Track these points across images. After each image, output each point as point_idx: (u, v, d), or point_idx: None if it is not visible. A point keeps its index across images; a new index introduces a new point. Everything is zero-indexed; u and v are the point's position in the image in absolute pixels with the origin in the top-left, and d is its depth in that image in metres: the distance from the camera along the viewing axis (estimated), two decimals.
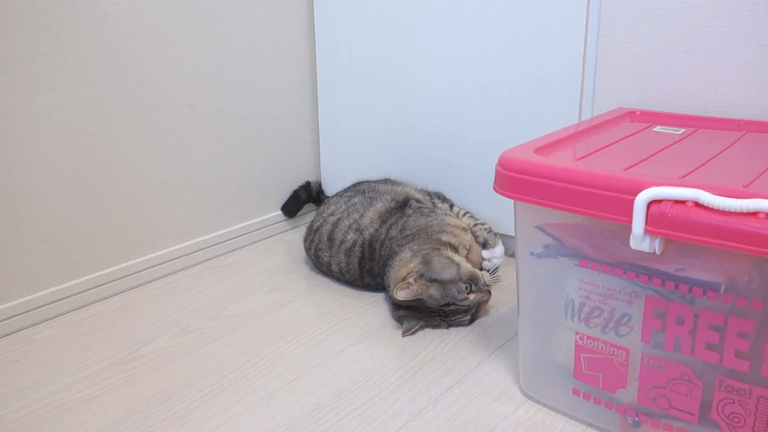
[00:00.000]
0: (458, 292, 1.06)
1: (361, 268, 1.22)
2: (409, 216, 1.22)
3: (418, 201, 1.28)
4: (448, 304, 1.07)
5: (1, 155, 1.08)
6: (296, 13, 1.50)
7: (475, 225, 1.27)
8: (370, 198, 1.31)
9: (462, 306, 1.07)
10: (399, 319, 1.11)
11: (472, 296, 1.08)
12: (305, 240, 1.35)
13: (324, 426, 0.86)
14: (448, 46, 1.33)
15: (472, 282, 1.08)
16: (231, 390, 0.95)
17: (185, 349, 1.06)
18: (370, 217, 1.25)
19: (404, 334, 1.08)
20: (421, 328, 1.10)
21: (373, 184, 1.38)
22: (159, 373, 0.99)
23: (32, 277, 1.15)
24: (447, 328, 1.10)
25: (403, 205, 1.27)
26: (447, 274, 1.07)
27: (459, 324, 1.10)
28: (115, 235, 1.26)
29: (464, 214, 1.30)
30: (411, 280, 1.06)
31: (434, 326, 1.10)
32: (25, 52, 1.08)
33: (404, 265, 1.11)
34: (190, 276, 1.34)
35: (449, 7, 1.30)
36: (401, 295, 1.05)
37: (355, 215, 1.26)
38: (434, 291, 1.06)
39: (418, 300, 1.07)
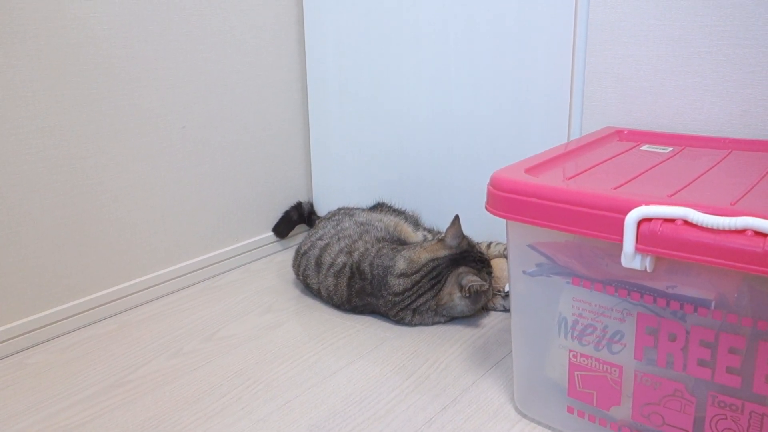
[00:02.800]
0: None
1: (349, 288, 1.22)
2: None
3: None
4: (482, 253, 1.21)
5: None
6: (287, 36, 1.52)
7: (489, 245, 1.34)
8: (362, 224, 1.31)
9: (486, 255, 1.22)
10: (459, 280, 1.14)
11: None
12: (293, 264, 1.35)
13: None
14: (437, 69, 1.34)
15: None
16: (225, 413, 0.94)
17: (179, 371, 1.06)
18: (365, 240, 1.26)
19: (479, 279, 1.12)
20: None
21: (358, 212, 1.40)
22: (152, 397, 0.99)
23: (23, 301, 1.14)
24: (489, 287, 1.18)
25: (401, 242, 1.29)
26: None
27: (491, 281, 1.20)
28: (107, 258, 1.25)
29: (489, 245, 1.36)
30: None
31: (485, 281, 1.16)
32: (16, 77, 1.08)
33: (423, 251, 1.18)
34: (182, 298, 1.34)
35: (438, 29, 1.32)
36: (449, 236, 1.17)
37: (347, 240, 1.27)
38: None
39: (469, 246, 1.18)
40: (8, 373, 1.07)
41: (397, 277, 1.15)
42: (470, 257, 1.17)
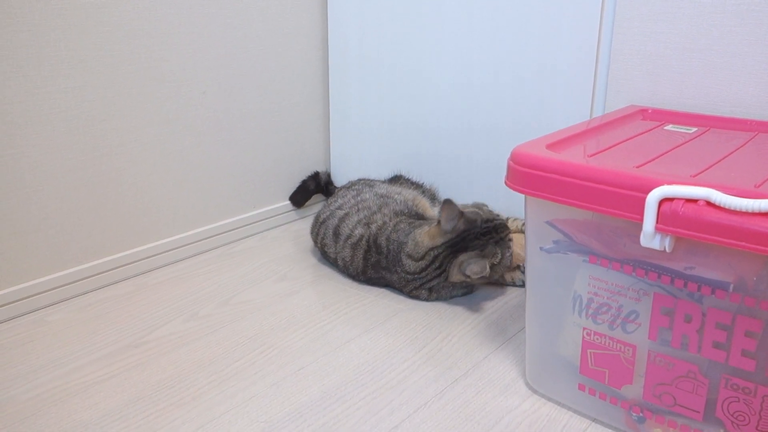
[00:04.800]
0: (486, 209, 1.18)
1: (365, 261, 1.22)
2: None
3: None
4: (490, 220, 1.14)
5: (13, 140, 1.09)
6: (309, 4, 1.51)
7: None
8: (382, 196, 1.31)
9: (499, 220, 1.16)
10: (462, 269, 1.11)
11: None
12: (312, 231, 1.36)
13: (331, 414, 0.87)
14: (459, 42, 1.33)
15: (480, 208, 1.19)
16: (239, 376, 0.96)
17: (194, 334, 1.07)
18: (384, 212, 1.26)
19: (485, 270, 1.08)
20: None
21: (378, 183, 1.39)
22: (168, 358, 1.00)
23: (43, 260, 1.16)
24: (501, 257, 1.13)
25: (420, 217, 1.27)
26: (468, 207, 1.17)
27: (509, 245, 1.16)
28: (125, 221, 1.27)
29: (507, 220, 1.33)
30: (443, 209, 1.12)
31: (494, 262, 1.12)
32: (38, 38, 1.08)
33: (426, 233, 1.15)
34: (199, 263, 1.35)
35: (461, 2, 1.30)
36: (445, 221, 1.11)
37: (366, 212, 1.26)
38: (470, 210, 1.14)
39: (467, 223, 1.12)
40: (29, 330, 1.09)
41: (407, 257, 1.15)
42: (471, 236, 1.12)
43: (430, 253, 1.13)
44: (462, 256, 1.12)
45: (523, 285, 1.23)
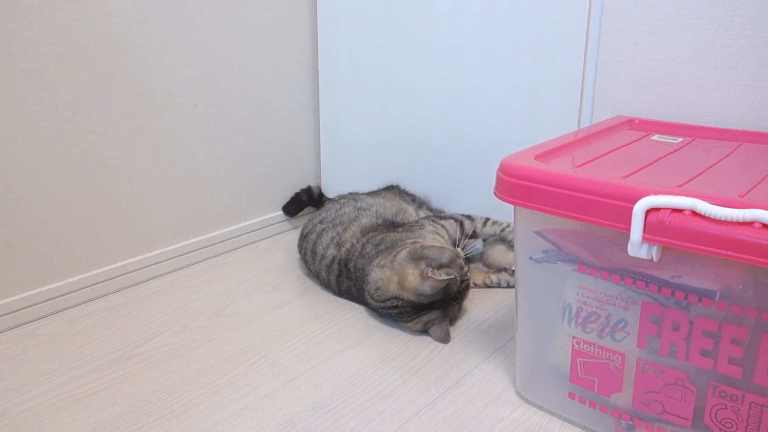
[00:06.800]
0: (461, 268, 1.09)
1: (339, 286, 1.22)
2: (393, 231, 1.21)
3: (409, 221, 1.27)
4: (462, 282, 1.09)
5: (4, 151, 1.09)
6: (300, 16, 1.52)
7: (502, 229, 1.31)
8: (357, 210, 1.30)
9: (467, 278, 1.11)
10: (426, 328, 1.09)
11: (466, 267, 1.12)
12: (298, 244, 1.36)
13: (323, 425, 0.87)
14: (449, 54, 1.34)
15: (459, 257, 1.12)
16: (231, 388, 0.96)
17: (186, 346, 1.07)
18: (353, 231, 1.24)
19: (448, 339, 1.08)
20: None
21: (363, 197, 1.38)
22: (159, 370, 1.00)
23: (34, 272, 1.16)
24: (459, 309, 1.13)
25: (390, 224, 1.26)
26: (446, 256, 1.08)
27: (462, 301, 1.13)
28: (116, 233, 1.26)
29: (485, 223, 1.31)
30: (429, 272, 1.04)
31: (453, 316, 1.12)
32: (30, 50, 1.08)
33: (394, 277, 1.09)
34: (190, 274, 1.35)
35: (451, 14, 1.31)
36: (428, 287, 1.04)
37: (339, 228, 1.25)
38: (450, 273, 1.05)
39: (442, 289, 1.06)
40: (20, 342, 1.09)
41: (368, 295, 1.13)
42: (439, 302, 1.08)
43: (392, 300, 1.09)
44: (426, 316, 1.08)
45: (508, 286, 1.26)
